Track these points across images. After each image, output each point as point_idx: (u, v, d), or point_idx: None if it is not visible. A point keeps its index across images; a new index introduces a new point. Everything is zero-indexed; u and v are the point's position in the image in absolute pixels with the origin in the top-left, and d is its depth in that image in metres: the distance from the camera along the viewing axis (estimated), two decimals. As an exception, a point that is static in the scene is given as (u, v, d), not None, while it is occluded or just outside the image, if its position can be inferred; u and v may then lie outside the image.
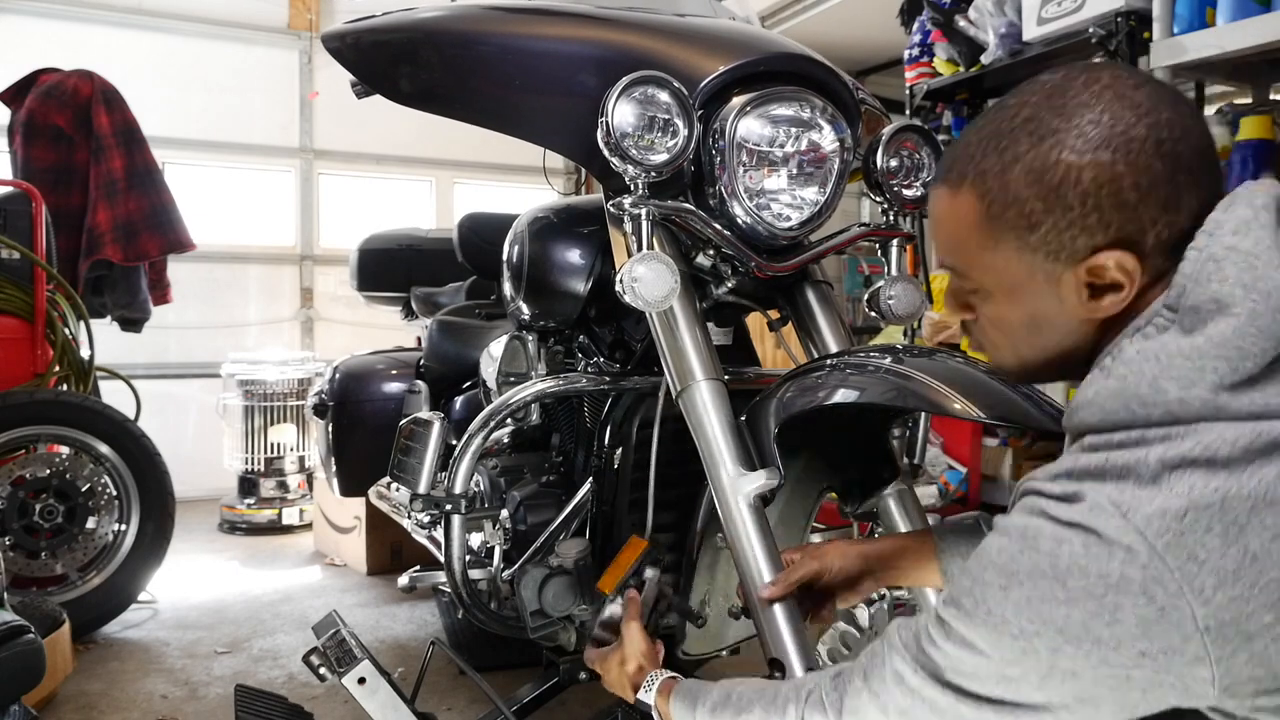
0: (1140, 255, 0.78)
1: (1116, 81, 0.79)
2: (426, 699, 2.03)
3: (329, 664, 1.42)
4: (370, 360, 2.73)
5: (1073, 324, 0.83)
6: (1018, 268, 0.82)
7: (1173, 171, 0.77)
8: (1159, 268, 0.79)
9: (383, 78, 1.53)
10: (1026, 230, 0.80)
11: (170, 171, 4.28)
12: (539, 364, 1.72)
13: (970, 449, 2.89)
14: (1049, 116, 0.79)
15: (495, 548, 1.70)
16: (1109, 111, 0.78)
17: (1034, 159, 0.79)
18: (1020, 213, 0.80)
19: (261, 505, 4.25)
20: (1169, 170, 0.77)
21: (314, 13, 5.28)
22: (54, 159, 3.55)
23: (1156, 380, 0.75)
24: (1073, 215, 0.78)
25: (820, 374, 1.24)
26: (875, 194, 1.48)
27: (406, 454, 1.71)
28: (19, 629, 1.70)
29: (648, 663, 1.17)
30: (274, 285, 5.32)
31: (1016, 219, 0.80)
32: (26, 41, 4.57)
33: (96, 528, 2.88)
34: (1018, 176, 0.80)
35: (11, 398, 2.81)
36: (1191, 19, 2.32)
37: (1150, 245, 0.78)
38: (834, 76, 1.43)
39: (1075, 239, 0.79)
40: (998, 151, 0.81)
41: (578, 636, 1.60)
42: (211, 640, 2.82)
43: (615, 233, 1.41)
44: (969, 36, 3.02)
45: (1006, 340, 0.89)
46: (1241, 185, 0.82)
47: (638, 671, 1.17)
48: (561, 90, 1.45)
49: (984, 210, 0.82)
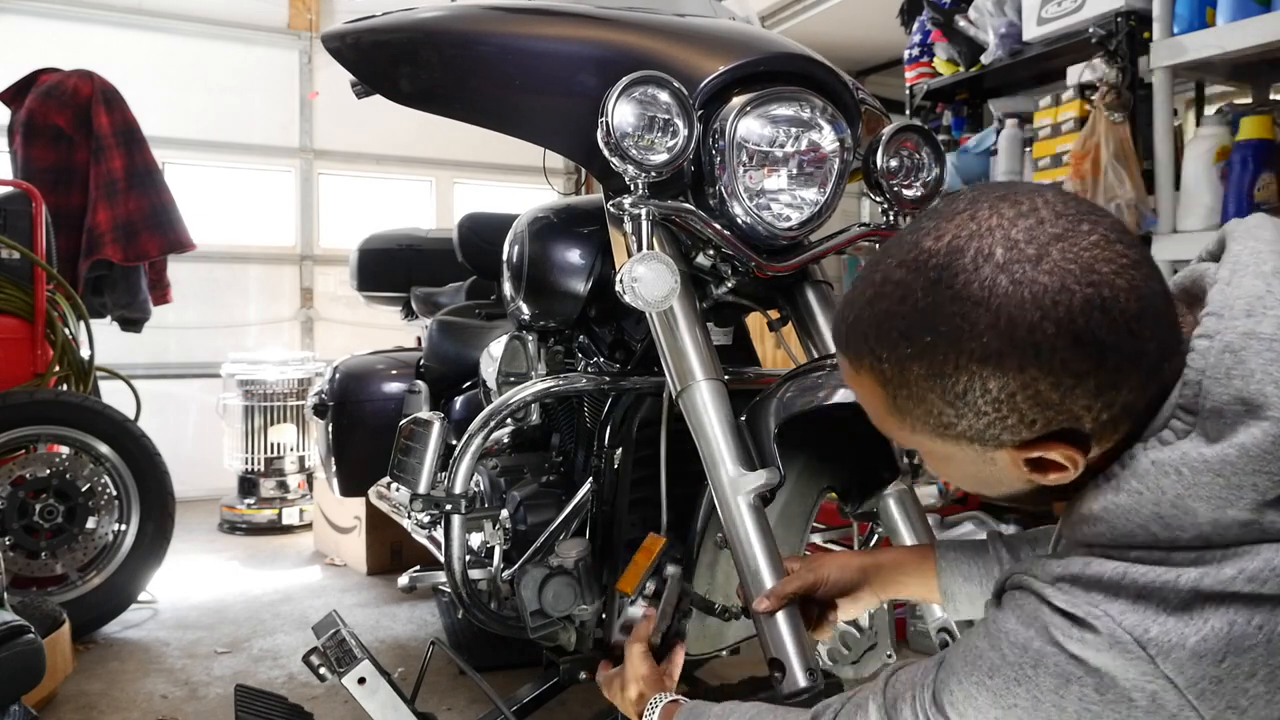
0: (1078, 442, 0.69)
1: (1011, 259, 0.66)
2: (426, 699, 2.03)
3: (329, 664, 1.42)
4: (370, 360, 2.73)
5: (1024, 485, 0.76)
6: (942, 449, 0.75)
7: (1099, 358, 0.65)
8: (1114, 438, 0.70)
9: (383, 78, 1.53)
10: (940, 427, 0.72)
11: (170, 171, 4.28)
12: (539, 364, 1.72)
13: (970, 449, 2.89)
14: (941, 307, 0.67)
15: (495, 548, 1.70)
16: (1005, 311, 0.65)
17: (931, 362, 0.69)
18: (928, 412, 0.72)
19: (261, 505, 4.25)
20: (1094, 360, 0.65)
21: (314, 13, 5.28)
22: (54, 159, 3.55)
23: (1181, 499, 0.65)
24: (988, 419, 0.69)
25: (820, 374, 1.25)
26: (875, 194, 1.48)
27: (406, 454, 1.71)
28: (19, 629, 1.70)
29: (648, 688, 1.15)
30: (274, 285, 5.32)
31: (926, 416, 0.72)
32: (26, 41, 4.57)
33: (96, 528, 2.88)
34: (918, 378, 0.70)
35: (11, 398, 2.81)
36: (1191, 19, 2.32)
37: (1090, 428, 0.68)
38: (834, 76, 1.43)
39: (999, 435, 0.70)
40: (889, 342, 0.71)
41: (578, 636, 1.60)
42: (211, 640, 2.82)
43: (615, 233, 1.41)
44: (969, 36, 3.02)
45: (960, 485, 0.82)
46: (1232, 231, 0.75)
47: (639, 699, 1.15)
48: (561, 90, 1.45)
49: (890, 399, 0.74)
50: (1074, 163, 2.50)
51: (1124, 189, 2.38)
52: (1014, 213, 0.68)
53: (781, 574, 1.19)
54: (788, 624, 1.15)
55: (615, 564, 1.60)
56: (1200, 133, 2.41)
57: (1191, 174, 2.37)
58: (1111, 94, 2.45)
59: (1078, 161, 2.48)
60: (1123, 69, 2.48)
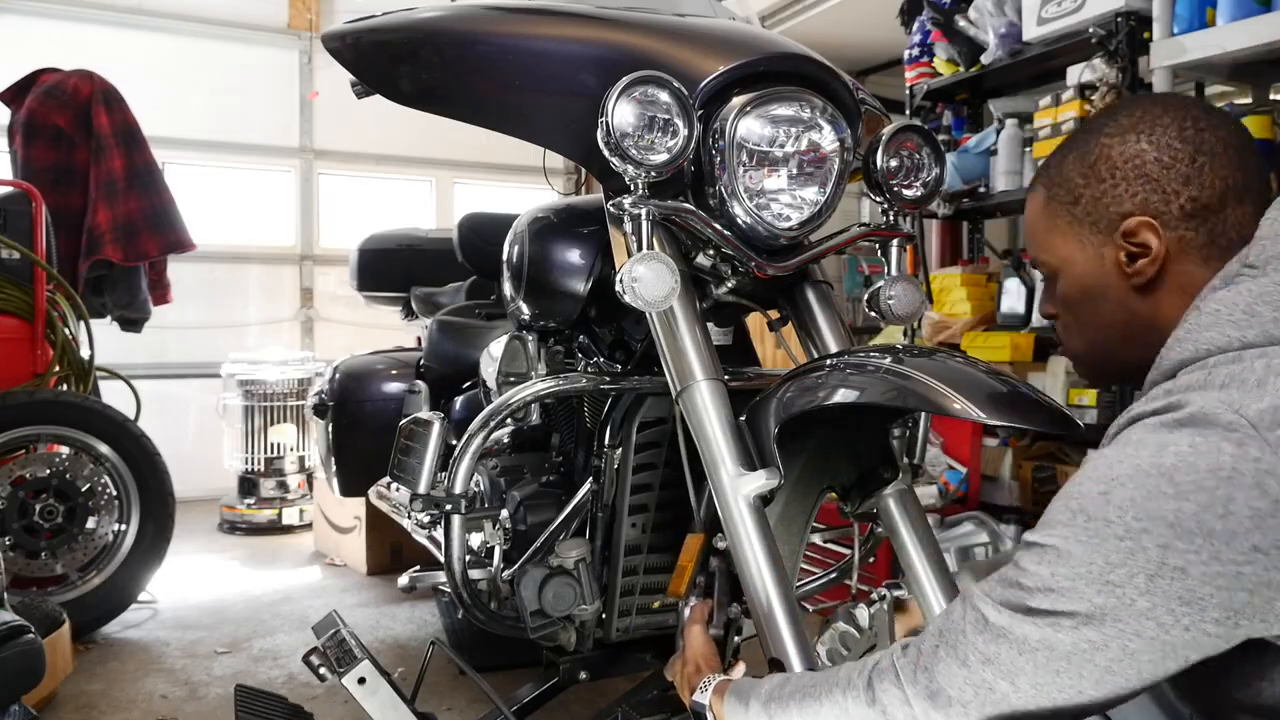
0: (1164, 223, 0.89)
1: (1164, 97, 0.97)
2: (426, 699, 2.03)
3: (329, 664, 1.41)
4: (370, 360, 2.73)
5: (1122, 295, 0.93)
6: (1072, 243, 0.96)
7: (1194, 153, 0.89)
8: (1184, 237, 0.89)
9: (383, 78, 1.53)
10: (1072, 204, 0.95)
11: (170, 171, 4.28)
12: (539, 364, 1.72)
13: (970, 449, 2.89)
14: (1101, 118, 0.96)
15: (495, 548, 1.70)
16: (1144, 109, 0.92)
17: (1080, 147, 0.95)
18: (1068, 190, 0.95)
19: (261, 505, 4.26)
20: (1190, 151, 0.89)
21: (314, 13, 5.28)
22: (54, 159, 3.55)
23: (1252, 306, 0.80)
24: (1105, 185, 0.92)
25: (820, 374, 1.24)
26: (875, 194, 1.47)
27: (406, 454, 1.71)
28: (19, 629, 1.70)
29: (705, 665, 1.17)
30: (274, 285, 5.32)
31: (1065, 195, 0.96)
32: (26, 41, 4.57)
33: (96, 528, 2.88)
34: (1069, 162, 0.96)
35: (11, 398, 2.81)
36: (1191, 19, 2.32)
37: (1174, 214, 0.89)
38: (834, 77, 1.43)
39: (1109, 207, 0.92)
40: (1061, 151, 0.98)
41: (578, 636, 1.60)
42: (211, 640, 2.82)
43: (615, 233, 1.41)
44: (969, 36, 3.02)
45: (1075, 322, 0.99)
46: None
47: (695, 673, 1.16)
48: (561, 90, 1.45)
49: (1046, 196, 0.98)
50: (1074, 163, 2.49)
51: (1124, 189, 2.37)
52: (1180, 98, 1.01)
53: (782, 574, 1.19)
54: (788, 623, 1.15)
55: (615, 564, 1.60)
56: (1200, 133, 2.41)
57: (1192, 174, 2.36)
58: (1111, 94, 2.45)
59: (1078, 161, 2.47)
60: (1123, 69, 2.48)
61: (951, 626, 0.84)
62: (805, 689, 0.95)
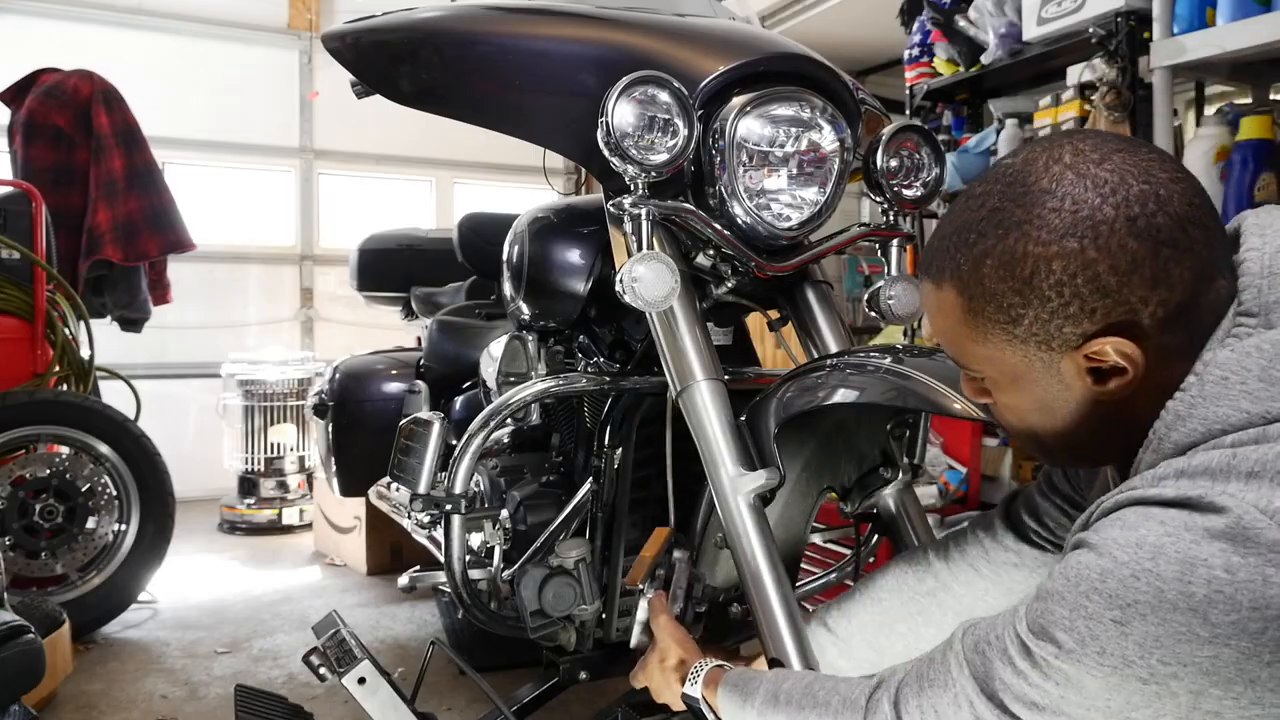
0: (1138, 338, 0.74)
1: (1078, 160, 0.75)
2: (426, 699, 2.03)
3: (329, 664, 1.41)
4: (370, 360, 2.73)
5: (1085, 406, 0.79)
6: (1012, 358, 0.79)
7: (1154, 247, 0.72)
8: (1164, 345, 0.74)
9: (383, 78, 1.53)
10: (1010, 323, 0.77)
11: (170, 171, 4.28)
12: (539, 364, 1.72)
13: (970, 449, 2.89)
14: (1012, 206, 0.76)
15: (495, 548, 1.70)
16: (1070, 196, 0.74)
17: (1002, 252, 0.76)
18: (999, 307, 0.77)
19: (261, 505, 4.25)
20: (1149, 247, 0.72)
21: (314, 13, 5.28)
22: (54, 159, 3.55)
23: (1267, 370, 0.69)
24: (1052, 306, 0.75)
25: (820, 374, 1.24)
26: (875, 194, 1.48)
27: (406, 454, 1.71)
28: (19, 629, 1.70)
29: (688, 654, 1.12)
30: (274, 285, 5.32)
31: (997, 313, 0.78)
32: (26, 41, 4.57)
33: (96, 528, 2.88)
34: (990, 271, 0.77)
35: (11, 398, 2.81)
36: (1191, 19, 2.32)
37: (1148, 325, 0.73)
38: (834, 77, 1.43)
39: (1062, 328, 0.75)
40: (968, 245, 0.78)
41: (578, 636, 1.60)
42: (211, 640, 2.82)
43: (615, 233, 1.41)
44: (969, 36, 3.02)
45: (1024, 426, 0.84)
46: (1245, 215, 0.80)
47: (679, 664, 1.11)
48: (561, 90, 1.45)
49: (966, 305, 0.80)
50: (1074, 163, 2.49)
51: (1124, 189, 2.37)
52: (1084, 136, 0.78)
53: (782, 574, 1.19)
54: (788, 623, 1.15)
55: (615, 564, 1.60)
56: (1200, 133, 2.41)
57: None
58: (1111, 94, 2.45)
59: (1078, 161, 2.47)
60: (1123, 69, 2.48)
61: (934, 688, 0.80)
62: (806, 696, 0.92)
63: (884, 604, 1.19)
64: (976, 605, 1.14)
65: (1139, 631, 0.64)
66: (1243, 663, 0.61)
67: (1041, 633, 0.70)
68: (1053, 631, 0.69)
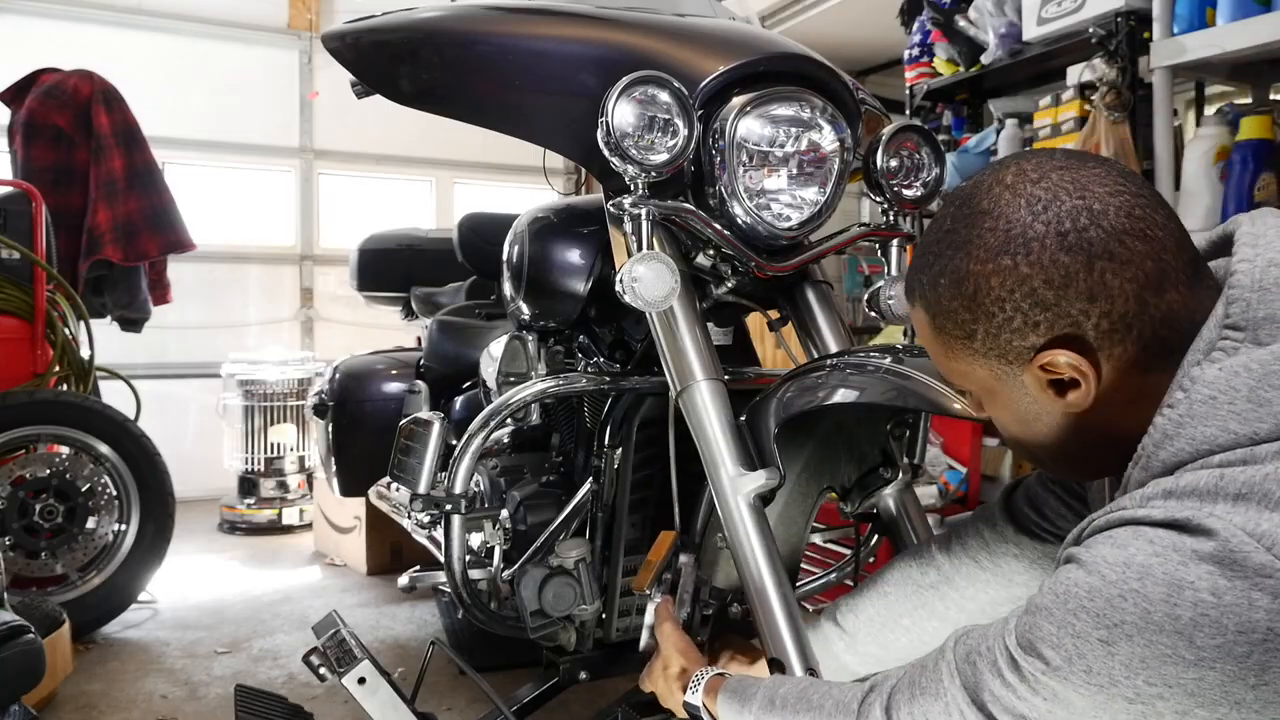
0: (1085, 349, 0.75)
1: (1017, 180, 0.77)
2: (426, 699, 2.03)
3: (329, 664, 1.41)
4: (370, 360, 2.73)
5: (1060, 419, 0.80)
6: (981, 372, 0.82)
7: (1088, 260, 0.73)
8: (1114, 355, 0.75)
9: (383, 78, 1.53)
10: (967, 338, 0.80)
11: (170, 171, 4.28)
12: (539, 364, 1.72)
13: (970, 449, 2.89)
14: (960, 226, 0.79)
15: (495, 548, 1.70)
16: (1004, 215, 0.76)
17: (952, 271, 0.79)
18: (956, 323, 0.80)
19: (261, 505, 4.25)
20: (1082, 260, 0.73)
21: (314, 13, 5.28)
22: (54, 159, 3.55)
23: (1255, 391, 0.68)
24: (997, 320, 0.77)
25: (820, 374, 1.24)
26: (875, 194, 1.48)
27: (406, 454, 1.71)
28: (19, 629, 1.70)
29: (690, 662, 1.13)
30: (274, 285, 5.32)
31: (955, 329, 0.81)
32: (26, 41, 4.57)
33: (96, 528, 2.88)
34: (944, 290, 0.80)
35: (11, 398, 2.81)
36: (1191, 19, 2.32)
37: (1093, 336, 0.74)
38: (834, 77, 1.43)
39: (1011, 341, 0.77)
40: (928, 266, 0.82)
41: (578, 636, 1.60)
42: (211, 640, 2.82)
43: (615, 233, 1.41)
44: (969, 36, 3.02)
45: (1012, 439, 0.87)
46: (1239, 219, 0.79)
47: (681, 674, 1.13)
48: (561, 90, 1.45)
49: (932, 323, 0.83)
50: (1074, 163, 2.49)
51: (1124, 189, 2.37)
52: (1031, 156, 0.80)
53: (782, 574, 1.19)
54: (788, 623, 1.15)
55: (615, 564, 1.60)
56: (1200, 133, 2.41)
57: (1191, 174, 2.37)
58: (1111, 94, 2.45)
59: (1078, 161, 2.47)
60: (1123, 69, 2.48)
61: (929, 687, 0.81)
62: (801, 700, 0.93)
63: (889, 598, 1.20)
64: (979, 597, 1.14)
65: (1125, 652, 0.65)
66: (1228, 685, 0.62)
67: (1030, 648, 0.71)
68: (1040, 648, 0.70)
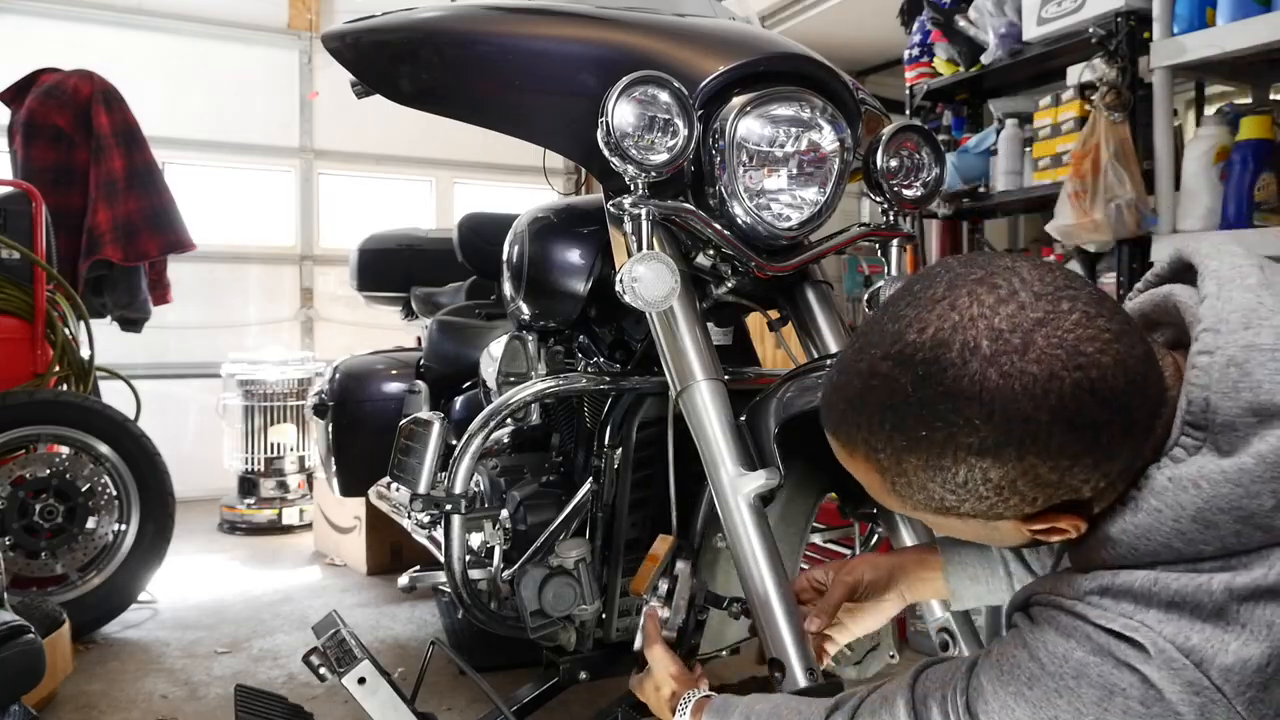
0: (1080, 512, 0.71)
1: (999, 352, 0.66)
2: (426, 699, 2.03)
3: (329, 664, 1.41)
4: (370, 360, 2.73)
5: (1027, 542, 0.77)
6: (945, 522, 0.77)
7: (1094, 435, 0.66)
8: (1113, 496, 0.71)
9: (383, 78, 1.53)
10: (942, 509, 0.74)
11: (170, 171, 4.28)
12: (539, 364, 1.72)
13: (970, 449, 2.89)
14: (933, 402, 0.68)
15: (495, 548, 1.70)
16: (999, 402, 0.66)
17: (928, 452, 0.69)
18: (929, 497, 0.73)
19: (261, 505, 4.25)
20: (1089, 437, 0.66)
21: (314, 13, 5.28)
22: (54, 159, 3.55)
23: (1202, 513, 0.66)
24: (989, 502, 0.70)
25: (820, 374, 1.25)
26: (875, 194, 1.48)
27: (406, 454, 1.71)
28: (19, 629, 1.70)
29: (680, 685, 1.14)
30: (274, 285, 5.32)
31: (927, 500, 0.73)
32: (26, 41, 4.57)
33: (96, 528, 2.88)
34: (916, 467, 0.71)
35: (11, 398, 2.81)
36: (1191, 19, 2.32)
37: (1090, 495, 0.70)
38: (834, 77, 1.43)
39: (1002, 514, 0.72)
40: (885, 436, 0.71)
41: (578, 636, 1.60)
42: (211, 640, 2.82)
43: (615, 233, 1.41)
44: (969, 36, 3.02)
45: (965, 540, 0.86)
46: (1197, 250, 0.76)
47: (671, 697, 1.14)
48: (561, 90, 1.45)
49: (889, 485, 0.74)
50: (1074, 163, 2.50)
51: (1124, 189, 2.38)
52: (994, 299, 0.68)
53: (782, 574, 1.19)
54: (788, 623, 1.15)
55: (615, 564, 1.60)
56: (1200, 133, 2.41)
57: (1191, 174, 2.37)
58: (1111, 94, 2.45)
59: (1078, 161, 2.48)
60: (1123, 69, 2.48)
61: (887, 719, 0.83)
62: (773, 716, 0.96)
63: None
64: None
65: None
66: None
67: (971, 715, 0.75)
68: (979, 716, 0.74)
